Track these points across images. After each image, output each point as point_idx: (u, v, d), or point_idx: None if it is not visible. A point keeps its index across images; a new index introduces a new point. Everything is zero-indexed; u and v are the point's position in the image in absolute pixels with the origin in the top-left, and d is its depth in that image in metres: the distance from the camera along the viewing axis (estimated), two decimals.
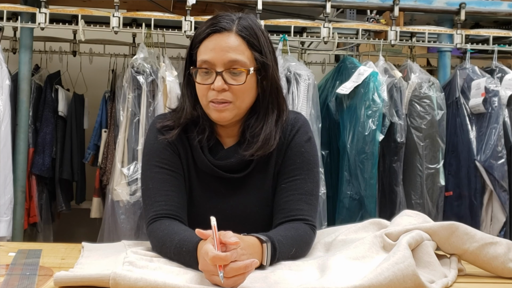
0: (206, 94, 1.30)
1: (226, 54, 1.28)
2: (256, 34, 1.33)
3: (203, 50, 1.30)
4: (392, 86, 2.43)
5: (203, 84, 1.30)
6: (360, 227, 1.32)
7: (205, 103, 1.32)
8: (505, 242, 1.17)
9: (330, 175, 2.48)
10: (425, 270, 1.08)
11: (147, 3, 2.51)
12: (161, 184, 1.33)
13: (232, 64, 1.28)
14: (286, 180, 1.35)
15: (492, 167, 2.38)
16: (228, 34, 1.30)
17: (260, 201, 1.36)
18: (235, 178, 1.35)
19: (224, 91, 1.28)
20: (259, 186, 1.36)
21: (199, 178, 1.37)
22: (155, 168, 1.35)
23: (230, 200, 1.36)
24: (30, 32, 2.50)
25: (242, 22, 1.32)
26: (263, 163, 1.36)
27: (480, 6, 2.63)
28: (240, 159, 1.34)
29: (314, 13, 2.67)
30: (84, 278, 0.99)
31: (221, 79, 1.28)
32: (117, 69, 2.83)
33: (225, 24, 1.30)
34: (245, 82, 1.29)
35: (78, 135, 2.72)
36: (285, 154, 1.37)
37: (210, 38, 1.30)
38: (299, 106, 2.33)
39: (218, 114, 1.30)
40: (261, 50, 1.33)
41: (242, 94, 1.30)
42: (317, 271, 1.11)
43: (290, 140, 1.37)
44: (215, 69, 1.28)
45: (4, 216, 2.31)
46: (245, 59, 1.30)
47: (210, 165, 1.34)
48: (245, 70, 1.29)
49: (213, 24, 1.31)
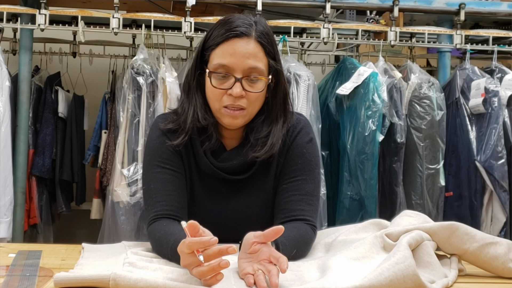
0: (220, 99, 1.29)
1: (247, 61, 1.27)
2: (272, 41, 1.33)
3: (220, 54, 1.28)
4: (392, 87, 2.43)
5: (219, 89, 1.29)
6: (360, 227, 1.32)
7: (218, 107, 1.31)
8: (505, 242, 1.17)
9: (330, 175, 2.48)
10: (426, 270, 1.08)
11: (147, 4, 2.51)
12: (162, 184, 1.32)
13: (251, 71, 1.28)
14: (287, 180, 1.35)
15: (492, 167, 2.38)
16: (248, 40, 1.28)
17: (261, 202, 1.36)
18: (237, 180, 1.35)
19: (241, 97, 1.28)
20: (261, 187, 1.36)
21: (201, 179, 1.37)
22: (156, 168, 1.33)
23: (232, 201, 1.36)
24: (30, 34, 2.50)
25: (259, 27, 1.31)
26: (265, 164, 1.36)
27: (480, 7, 2.63)
28: (242, 161, 1.33)
29: (314, 14, 2.67)
30: (84, 279, 0.98)
31: (240, 85, 1.27)
32: (117, 70, 2.84)
33: (244, 29, 1.28)
34: (263, 90, 1.30)
35: (78, 136, 2.72)
36: (286, 154, 1.37)
37: (229, 42, 1.28)
38: (299, 107, 2.33)
39: (231, 121, 1.30)
40: (275, 57, 1.33)
41: (256, 101, 1.30)
42: (317, 271, 1.11)
43: (292, 141, 1.37)
44: (234, 74, 1.27)
45: (4, 218, 2.31)
46: (263, 67, 1.30)
47: (213, 167, 1.34)
48: (264, 79, 1.29)
49: (232, 28, 1.28)
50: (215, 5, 2.52)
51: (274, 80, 1.33)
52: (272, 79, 1.32)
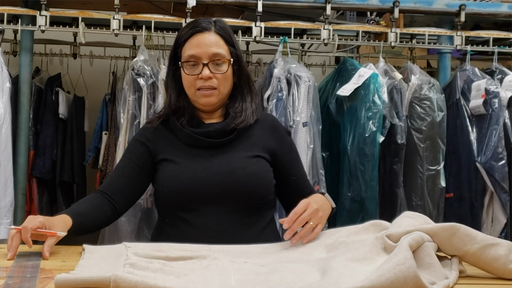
0: (194, 84, 1.55)
1: (210, 49, 1.54)
2: (230, 33, 1.60)
3: (188, 47, 1.56)
4: (393, 88, 2.43)
5: (191, 75, 1.55)
6: (361, 228, 1.32)
7: (193, 91, 1.56)
8: (506, 244, 1.17)
9: (330, 177, 2.48)
10: (426, 271, 1.08)
11: (147, 5, 2.51)
12: (116, 169, 1.64)
13: (215, 56, 1.54)
14: (293, 174, 1.63)
15: (493, 169, 2.38)
16: (208, 33, 1.56)
17: (243, 159, 1.54)
18: (216, 143, 1.55)
19: (210, 79, 1.54)
20: (241, 149, 1.56)
21: (186, 151, 1.56)
22: (122, 157, 1.64)
23: (214, 159, 1.54)
24: (30, 35, 2.50)
25: (218, 23, 1.59)
26: (244, 133, 1.57)
27: (480, 8, 2.63)
28: (220, 128, 1.56)
29: (314, 15, 2.67)
30: (85, 280, 0.99)
31: (207, 68, 1.53)
32: (117, 71, 2.84)
33: (205, 25, 1.56)
34: (227, 71, 1.55)
35: (78, 138, 2.72)
36: (276, 140, 1.62)
37: (194, 37, 1.56)
38: (299, 108, 2.33)
39: (206, 99, 1.55)
40: (234, 45, 1.60)
41: (224, 81, 1.56)
42: (318, 272, 1.11)
43: (275, 126, 1.66)
44: (201, 61, 1.54)
45: (5, 219, 2.31)
46: (225, 52, 1.56)
47: (191, 134, 1.56)
48: (226, 61, 1.56)
49: (195, 26, 1.56)
50: (215, 6, 2.52)
51: (237, 64, 1.59)
52: (235, 63, 1.58)
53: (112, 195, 1.54)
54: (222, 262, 1.17)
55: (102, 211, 1.52)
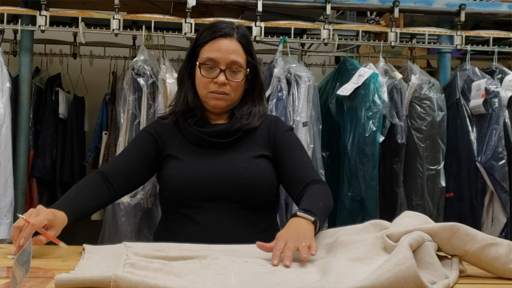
0: (208, 86, 1.57)
1: (229, 55, 1.56)
2: (250, 42, 1.63)
3: (208, 49, 1.57)
4: (393, 88, 2.43)
5: (207, 78, 1.57)
6: (361, 228, 1.31)
7: (205, 93, 1.58)
8: (506, 243, 1.17)
9: (330, 176, 2.48)
10: (427, 271, 1.08)
11: (147, 5, 2.51)
12: (121, 154, 1.67)
13: (233, 64, 1.57)
14: (287, 159, 1.59)
15: (493, 168, 2.38)
16: (231, 40, 1.58)
17: (247, 159, 1.56)
18: (221, 143, 1.58)
19: (224, 85, 1.56)
20: (244, 149, 1.58)
21: (192, 150, 1.59)
22: (128, 145, 1.67)
23: (219, 159, 1.56)
24: (30, 35, 2.50)
25: (240, 31, 1.61)
26: (249, 135, 1.60)
27: (480, 7, 2.63)
28: (225, 129, 1.58)
29: (314, 15, 2.67)
30: (85, 280, 0.98)
31: (224, 75, 1.56)
32: (117, 71, 2.84)
33: (228, 31, 1.58)
34: (242, 80, 1.58)
35: (78, 137, 2.72)
36: (274, 140, 1.61)
37: (215, 41, 1.57)
38: (299, 108, 2.33)
39: (216, 102, 1.58)
40: (253, 55, 1.63)
41: (237, 89, 1.59)
42: (318, 272, 1.11)
43: (277, 129, 1.64)
44: (219, 66, 1.56)
45: (5, 219, 2.31)
46: (242, 61, 1.59)
47: (197, 133, 1.58)
48: (243, 70, 1.59)
49: (218, 30, 1.58)
50: (215, 6, 2.52)
51: (252, 73, 1.62)
52: (249, 73, 1.61)
53: (112, 178, 1.55)
54: (222, 261, 1.17)
55: (98, 196, 1.53)
